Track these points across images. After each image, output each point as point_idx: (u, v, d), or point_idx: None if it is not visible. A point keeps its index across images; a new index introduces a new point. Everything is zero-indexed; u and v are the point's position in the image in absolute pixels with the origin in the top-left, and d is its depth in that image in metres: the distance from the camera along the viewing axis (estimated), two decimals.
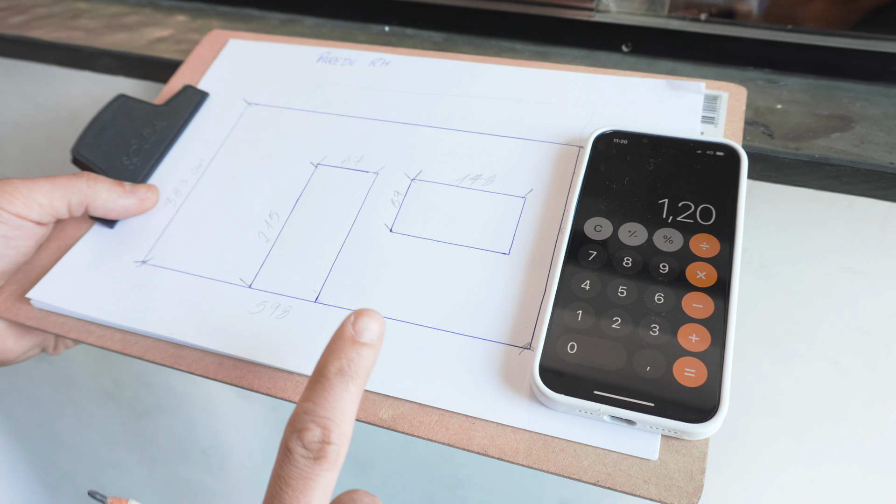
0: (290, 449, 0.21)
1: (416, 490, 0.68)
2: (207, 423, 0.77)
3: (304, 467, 0.21)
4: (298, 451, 0.21)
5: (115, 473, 0.94)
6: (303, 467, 0.21)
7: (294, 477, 0.21)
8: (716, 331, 0.25)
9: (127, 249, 0.33)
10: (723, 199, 0.28)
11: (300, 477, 0.21)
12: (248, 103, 0.38)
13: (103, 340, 0.30)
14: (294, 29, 0.47)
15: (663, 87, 0.34)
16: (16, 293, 0.32)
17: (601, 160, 0.31)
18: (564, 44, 0.42)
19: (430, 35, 0.45)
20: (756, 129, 0.34)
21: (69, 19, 0.51)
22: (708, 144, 0.30)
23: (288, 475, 0.21)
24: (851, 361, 0.40)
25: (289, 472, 0.21)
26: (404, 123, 0.35)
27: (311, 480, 0.21)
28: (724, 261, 0.27)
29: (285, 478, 0.21)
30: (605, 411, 0.24)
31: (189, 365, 0.29)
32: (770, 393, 0.43)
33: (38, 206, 0.31)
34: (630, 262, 0.27)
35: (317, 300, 0.30)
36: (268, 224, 0.33)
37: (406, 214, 0.31)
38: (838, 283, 0.38)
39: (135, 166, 0.35)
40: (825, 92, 0.37)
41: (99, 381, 0.81)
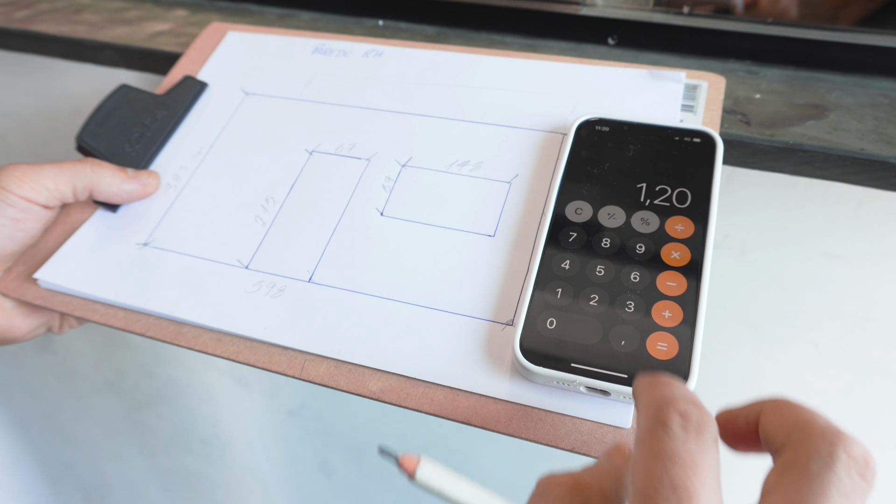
0: (666, 422, 0.18)
1: None
2: (207, 412, 0.78)
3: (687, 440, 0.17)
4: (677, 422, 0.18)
5: (117, 464, 0.96)
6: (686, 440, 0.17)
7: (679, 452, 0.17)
8: (688, 307, 0.26)
9: (129, 232, 0.34)
10: (698, 184, 0.30)
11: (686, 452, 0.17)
12: (246, 93, 0.39)
13: (107, 318, 0.32)
14: (290, 23, 0.48)
15: (645, 76, 0.35)
16: (23, 274, 0.34)
17: (583, 146, 0.32)
18: (552, 37, 0.44)
19: (423, 29, 0.46)
20: (734, 117, 0.35)
21: (72, 14, 0.52)
22: (685, 131, 0.31)
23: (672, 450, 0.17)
24: (830, 344, 0.41)
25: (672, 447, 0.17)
26: (396, 112, 0.36)
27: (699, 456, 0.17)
28: (697, 242, 0.28)
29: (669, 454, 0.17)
30: (582, 382, 0.25)
31: (189, 341, 0.30)
32: (752, 376, 0.44)
33: (45, 191, 0.33)
34: (608, 242, 0.29)
35: (310, 280, 0.31)
36: (264, 208, 0.34)
37: (396, 199, 0.33)
38: (816, 268, 0.39)
39: (137, 153, 0.36)
40: (803, 82, 0.38)
41: (100, 371, 0.82)
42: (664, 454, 0.17)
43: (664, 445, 0.17)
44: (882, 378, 0.41)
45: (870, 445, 0.44)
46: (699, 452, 0.17)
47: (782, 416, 0.19)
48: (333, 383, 0.28)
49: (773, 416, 0.19)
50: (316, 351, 0.29)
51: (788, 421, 0.19)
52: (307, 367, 0.29)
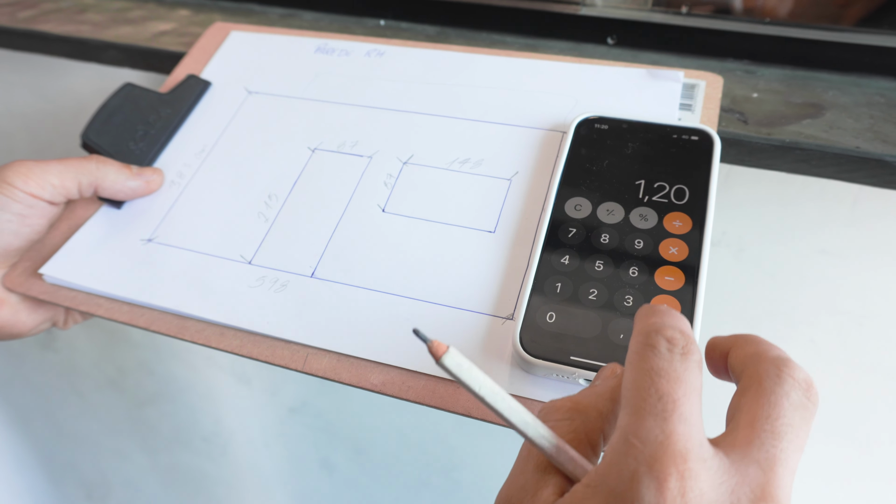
0: (654, 345, 0.19)
1: (412, 474, 0.70)
2: (209, 409, 0.78)
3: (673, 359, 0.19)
4: (664, 345, 0.19)
5: (118, 461, 0.96)
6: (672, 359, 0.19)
7: (665, 368, 0.18)
8: (685, 301, 0.27)
9: (134, 228, 0.35)
10: (696, 180, 0.30)
11: (671, 368, 0.18)
12: (249, 92, 0.40)
13: (111, 313, 0.32)
14: (293, 23, 0.49)
15: (644, 76, 0.35)
16: (29, 269, 0.34)
17: (583, 144, 0.32)
18: (552, 37, 0.44)
19: (424, 29, 0.47)
20: (732, 115, 0.35)
21: (76, 13, 0.53)
22: (683, 129, 0.32)
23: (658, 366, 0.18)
24: (827, 341, 0.42)
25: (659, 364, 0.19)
26: (397, 111, 0.37)
27: (683, 373, 0.18)
28: (695, 237, 0.28)
29: (656, 370, 0.18)
30: (581, 375, 0.26)
31: (192, 335, 0.31)
32: None
33: (50, 187, 0.33)
34: (607, 238, 0.29)
35: (313, 275, 0.31)
36: (267, 205, 0.34)
37: (398, 195, 0.33)
38: (812, 264, 0.39)
39: (141, 150, 0.37)
40: (800, 82, 0.39)
41: (102, 369, 0.83)
42: (651, 370, 0.19)
43: (651, 363, 0.19)
44: (878, 374, 0.41)
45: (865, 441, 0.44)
46: (683, 370, 0.19)
47: (743, 349, 0.21)
48: (335, 376, 0.28)
49: (737, 349, 0.21)
50: (318, 345, 0.29)
51: (748, 353, 0.21)
52: (309, 360, 0.29)
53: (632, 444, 0.17)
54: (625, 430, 0.18)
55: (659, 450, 0.17)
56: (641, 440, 0.17)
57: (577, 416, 0.20)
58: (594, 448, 0.20)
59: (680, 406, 0.18)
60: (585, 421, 0.20)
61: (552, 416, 0.21)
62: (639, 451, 0.17)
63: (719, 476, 0.17)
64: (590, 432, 0.20)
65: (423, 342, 0.18)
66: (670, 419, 0.17)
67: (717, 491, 0.17)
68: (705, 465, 0.17)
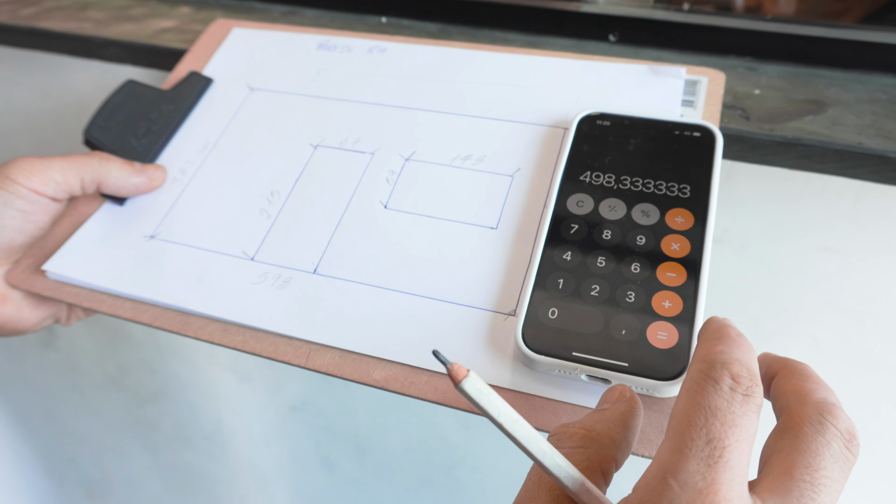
0: (717, 380, 0.18)
1: (414, 472, 0.70)
2: (210, 408, 0.78)
3: (733, 400, 0.18)
4: (727, 382, 0.18)
5: (119, 460, 0.96)
6: (731, 400, 0.18)
7: (723, 409, 0.18)
8: (687, 297, 0.27)
9: (136, 225, 0.35)
10: (698, 176, 0.30)
11: (729, 410, 0.18)
12: (251, 88, 0.40)
13: (114, 309, 0.32)
14: (294, 20, 0.49)
15: (646, 72, 0.35)
16: (32, 265, 0.34)
17: (585, 140, 0.32)
18: (554, 34, 0.44)
19: (426, 26, 0.47)
20: (734, 112, 0.35)
21: (78, 11, 0.53)
22: (685, 126, 0.32)
23: (716, 406, 0.18)
24: (829, 338, 0.42)
25: (716, 403, 0.18)
26: (399, 107, 0.37)
27: (740, 417, 0.18)
28: (697, 233, 0.28)
29: (712, 408, 0.18)
30: (583, 371, 0.26)
31: (195, 331, 0.31)
32: None
33: (53, 183, 0.33)
34: (609, 234, 0.29)
35: (315, 271, 0.31)
36: (269, 201, 0.34)
37: (400, 192, 0.33)
38: (815, 261, 0.39)
39: (143, 147, 0.37)
40: (802, 78, 0.39)
41: (103, 368, 0.83)
42: (707, 407, 0.18)
43: (710, 400, 0.18)
44: (880, 372, 0.41)
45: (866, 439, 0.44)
46: (741, 414, 0.18)
47: (789, 381, 0.20)
48: (338, 372, 0.28)
49: (783, 380, 0.21)
50: (321, 341, 0.29)
51: (793, 388, 0.20)
52: (312, 356, 0.29)
53: (670, 485, 0.17)
54: (664, 468, 0.17)
55: (697, 497, 0.16)
56: (681, 484, 0.17)
57: (590, 444, 0.20)
58: (605, 477, 0.20)
59: (729, 453, 0.17)
60: (599, 449, 0.20)
61: (565, 443, 0.20)
62: (675, 495, 0.16)
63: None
64: (602, 461, 0.20)
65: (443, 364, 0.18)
66: (715, 466, 0.17)
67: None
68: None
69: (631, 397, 0.22)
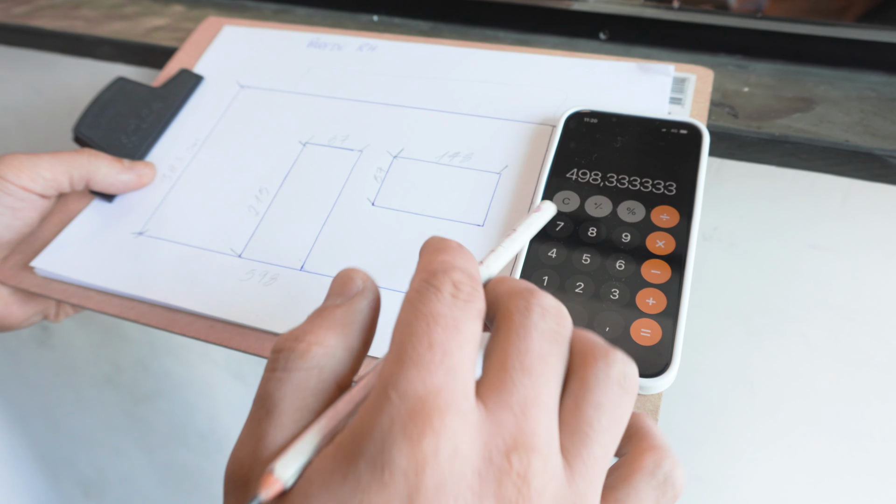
0: (438, 286, 0.17)
1: None
2: (205, 406, 0.78)
3: (455, 306, 0.17)
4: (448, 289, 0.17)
5: (115, 458, 0.96)
6: (453, 306, 0.17)
7: (445, 315, 0.17)
8: (671, 295, 0.27)
9: (125, 222, 0.35)
10: (684, 174, 0.30)
11: (451, 316, 0.17)
12: (241, 86, 0.40)
13: (102, 306, 0.32)
14: (286, 18, 0.49)
15: (634, 70, 0.35)
16: (20, 262, 0.34)
17: (572, 138, 0.32)
18: (545, 32, 0.44)
19: (417, 24, 0.47)
20: (722, 110, 0.36)
21: (70, 9, 0.53)
22: (672, 123, 0.32)
23: (437, 312, 0.17)
24: (819, 336, 0.42)
25: (438, 309, 0.17)
26: (388, 105, 0.37)
27: (463, 322, 0.17)
28: (682, 231, 0.29)
29: (434, 315, 0.17)
30: None
31: (182, 328, 0.31)
32: (742, 368, 0.45)
33: (42, 180, 0.33)
34: (595, 232, 0.29)
35: (302, 268, 0.31)
36: (257, 198, 0.34)
37: (388, 189, 0.33)
38: (804, 259, 0.39)
39: (133, 144, 0.37)
40: (791, 76, 0.39)
41: (98, 366, 0.83)
42: (430, 314, 0.17)
43: (431, 307, 0.17)
44: (870, 369, 0.41)
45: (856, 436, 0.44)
46: (464, 319, 0.17)
47: (495, 289, 0.19)
48: None
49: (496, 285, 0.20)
50: None
51: (500, 291, 0.19)
52: None
53: (390, 397, 0.16)
54: (385, 381, 0.16)
55: (417, 405, 0.15)
56: (401, 394, 0.15)
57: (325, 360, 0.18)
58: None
59: (450, 358, 0.16)
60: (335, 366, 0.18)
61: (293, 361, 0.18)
62: (395, 407, 0.15)
63: (476, 429, 0.16)
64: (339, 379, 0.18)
65: None
66: (437, 372, 0.16)
67: (471, 447, 0.15)
68: (465, 420, 0.16)
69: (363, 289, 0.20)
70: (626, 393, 0.18)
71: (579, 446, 0.17)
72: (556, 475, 0.16)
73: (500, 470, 0.15)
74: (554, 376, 0.18)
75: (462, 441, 0.15)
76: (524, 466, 0.16)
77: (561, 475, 0.17)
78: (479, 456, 0.16)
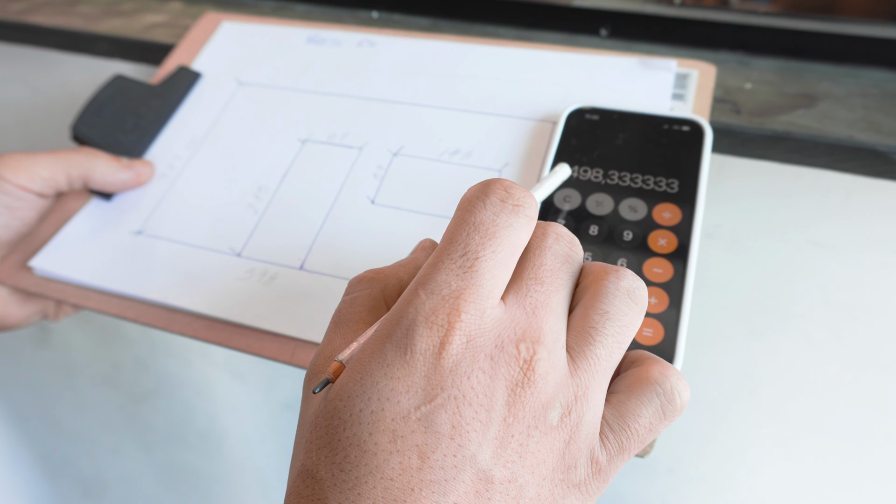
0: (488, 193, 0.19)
1: None
2: (204, 406, 0.78)
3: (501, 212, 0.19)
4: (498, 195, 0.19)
5: (114, 458, 0.96)
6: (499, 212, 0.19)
7: (486, 222, 0.19)
8: (673, 293, 0.27)
9: (123, 221, 0.35)
10: (686, 171, 0.30)
11: (493, 223, 0.19)
12: (240, 83, 0.40)
13: (101, 305, 0.32)
14: (285, 15, 0.49)
15: (636, 65, 0.35)
16: (19, 262, 0.34)
17: (573, 135, 0.32)
18: (545, 28, 0.44)
19: (417, 21, 0.47)
20: (724, 106, 0.35)
21: (68, 6, 0.52)
22: (674, 120, 0.32)
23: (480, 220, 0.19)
24: (821, 334, 0.42)
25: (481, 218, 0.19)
26: (388, 101, 0.37)
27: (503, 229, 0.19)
28: (684, 228, 0.28)
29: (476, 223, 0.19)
30: None
31: (181, 327, 0.31)
32: (744, 367, 0.45)
33: (39, 179, 0.33)
34: (596, 230, 0.29)
35: (301, 267, 0.31)
36: (256, 197, 0.34)
37: (387, 187, 0.33)
38: (806, 257, 0.39)
39: (131, 142, 0.37)
40: (794, 73, 0.38)
41: (97, 366, 0.83)
42: (472, 223, 0.19)
43: (476, 216, 0.19)
44: (872, 367, 0.41)
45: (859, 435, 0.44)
46: (505, 226, 0.19)
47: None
48: None
49: None
50: (306, 337, 0.29)
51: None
52: (297, 352, 0.29)
53: (418, 294, 0.18)
54: (418, 281, 0.19)
55: (440, 302, 0.18)
56: (428, 292, 0.18)
57: (375, 284, 0.21)
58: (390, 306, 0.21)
59: (480, 262, 0.18)
60: (384, 288, 0.21)
61: (355, 287, 0.22)
62: (421, 302, 0.18)
63: (492, 323, 0.18)
64: (388, 298, 0.21)
65: None
66: (464, 276, 0.18)
67: (485, 337, 0.18)
68: (482, 315, 0.18)
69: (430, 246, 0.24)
70: (633, 303, 0.20)
71: (583, 345, 0.19)
72: (558, 366, 0.18)
73: (509, 355, 0.18)
74: (563, 287, 0.20)
75: (476, 332, 0.18)
76: (530, 354, 0.18)
77: (564, 367, 0.19)
78: (492, 344, 0.18)
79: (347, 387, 0.18)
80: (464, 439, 0.17)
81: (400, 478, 0.16)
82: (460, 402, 0.17)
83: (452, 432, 0.17)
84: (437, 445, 0.16)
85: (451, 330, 0.17)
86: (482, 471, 0.17)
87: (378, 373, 0.17)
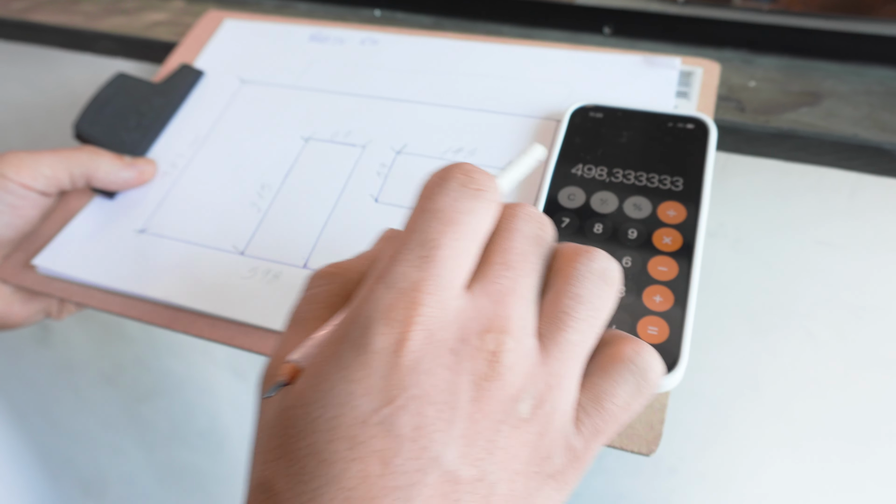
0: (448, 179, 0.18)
1: None
2: (205, 405, 0.78)
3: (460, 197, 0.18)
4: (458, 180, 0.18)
5: (115, 457, 0.96)
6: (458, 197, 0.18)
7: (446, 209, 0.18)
8: (678, 292, 0.27)
9: (126, 219, 0.35)
10: (691, 169, 0.30)
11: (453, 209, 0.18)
12: (242, 81, 0.40)
13: (104, 304, 0.32)
14: (287, 12, 0.49)
15: (640, 63, 0.35)
16: (22, 260, 0.34)
17: (577, 133, 0.32)
18: (548, 26, 0.44)
19: (420, 19, 0.47)
20: (729, 104, 0.35)
21: (70, 4, 0.52)
22: (678, 117, 0.31)
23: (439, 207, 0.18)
24: (825, 333, 0.41)
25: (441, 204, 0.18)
26: (391, 99, 0.37)
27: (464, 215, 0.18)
28: (689, 226, 0.28)
29: (435, 210, 0.18)
30: None
31: (184, 326, 0.30)
32: (748, 365, 0.45)
33: (42, 178, 0.33)
34: (601, 228, 0.29)
35: (305, 266, 0.31)
36: (260, 195, 0.34)
37: (391, 186, 0.33)
38: (811, 256, 0.39)
39: (134, 141, 0.37)
40: (798, 71, 0.38)
41: (98, 365, 0.83)
42: (430, 210, 0.18)
43: (434, 203, 0.18)
44: (877, 366, 0.41)
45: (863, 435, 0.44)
46: (466, 211, 0.18)
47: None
48: None
49: None
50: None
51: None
52: None
53: (374, 289, 0.17)
54: (377, 275, 0.18)
55: (398, 296, 0.17)
56: (386, 286, 0.17)
57: (336, 279, 0.20)
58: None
59: (439, 251, 0.17)
60: (345, 283, 0.20)
61: (315, 283, 0.21)
62: (378, 297, 0.17)
63: (454, 315, 0.17)
64: (349, 293, 0.20)
65: None
66: (423, 266, 0.17)
67: (447, 330, 0.17)
68: (444, 307, 0.17)
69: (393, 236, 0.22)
70: (606, 285, 0.19)
71: (554, 331, 0.18)
72: (527, 354, 0.18)
73: (474, 348, 0.17)
74: (532, 271, 0.19)
75: (437, 326, 0.17)
76: (496, 345, 0.17)
77: (534, 355, 0.18)
78: (455, 337, 0.17)
79: (304, 393, 0.17)
80: (427, 441, 0.16)
81: (361, 486, 0.15)
82: (422, 401, 0.16)
83: (415, 434, 0.16)
84: (399, 449, 0.16)
85: (409, 325, 0.16)
86: (448, 472, 0.16)
87: (335, 376, 0.16)
